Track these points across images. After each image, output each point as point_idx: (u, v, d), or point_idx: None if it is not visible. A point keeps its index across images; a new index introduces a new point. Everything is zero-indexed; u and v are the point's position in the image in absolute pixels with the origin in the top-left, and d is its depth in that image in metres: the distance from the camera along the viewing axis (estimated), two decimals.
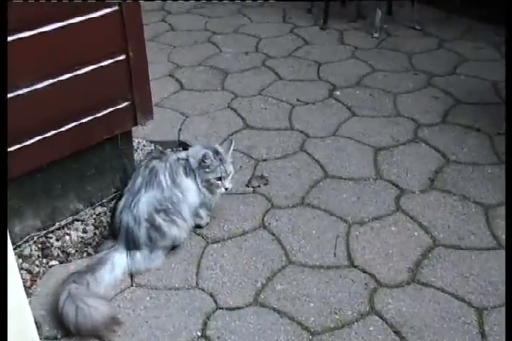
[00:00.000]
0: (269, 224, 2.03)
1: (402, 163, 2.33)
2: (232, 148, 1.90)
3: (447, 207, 2.08)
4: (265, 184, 2.21)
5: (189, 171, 1.82)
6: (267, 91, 2.85)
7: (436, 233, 1.96)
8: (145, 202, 1.76)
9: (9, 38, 1.54)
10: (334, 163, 2.35)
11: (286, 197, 2.16)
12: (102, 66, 1.80)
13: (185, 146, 2.44)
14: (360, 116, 2.67)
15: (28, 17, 1.58)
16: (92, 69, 1.78)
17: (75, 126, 1.82)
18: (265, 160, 2.37)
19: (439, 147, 2.42)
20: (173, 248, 1.87)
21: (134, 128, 2.11)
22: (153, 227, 1.76)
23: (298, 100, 2.81)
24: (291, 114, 2.69)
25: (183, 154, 1.90)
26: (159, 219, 1.77)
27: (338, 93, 2.83)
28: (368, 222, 2.03)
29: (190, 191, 1.82)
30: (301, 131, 2.56)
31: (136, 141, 2.41)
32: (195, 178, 1.83)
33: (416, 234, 1.97)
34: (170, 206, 1.78)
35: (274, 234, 1.98)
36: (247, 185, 2.22)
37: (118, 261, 1.75)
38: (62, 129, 1.80)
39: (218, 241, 1.95)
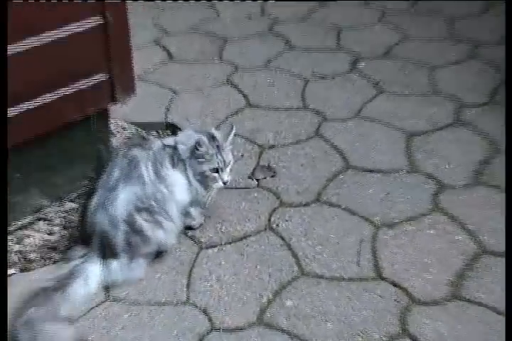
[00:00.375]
0: (277, 225, 2.00)
1: (441, 152, 2.29)
2: (232, 133, 1.84)
3: (496, 205, 2.03)
4: (272, 176, 2.18)
5: (177, 161, 1.77)
6: (275, 62, 2.82)
7: (483, 237, 1.93)
8: (123, 199, 1.70)
9: None
10: (357, 151, 2.31)
11: (298, 193, 2.13)
12: (71, 30, 1.75)
13: (173, 130, 2.40)
14: (388, 94, 2.63)
15: None
16: (59, 34, 1.73)
17: (39, 104, 1.78)
18: (272, 146, 2.34)
19: (486, 132, 2.37)
20: (159, 255, 1.83)
21: (111, 107, 2.07)
22: (133, 230, 1.71)
23: (313, 74, 2.77)
24: (305, 90, 2.66)
25: (170, 140, 1.85)
26: (140, 220, 1.72)
27: (362, 65, 2.79)
28: (399, 223, 2.00)
29: (179, 186, 1.77)
30: (317, 112, 2.54)
31: (114, 122, 2.38)
32: (185, 170, 1.78)
33: (458, 238, 1.93)
34: (154, 204, 1.72)
35: (283, 238, 1.95)
36: (251, 178, 2.18)
37: (92, 273, 1.70)
38: (23, 108, 1.76)
39: (214, 246, 1.92)
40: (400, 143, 2.35)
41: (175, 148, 1.81)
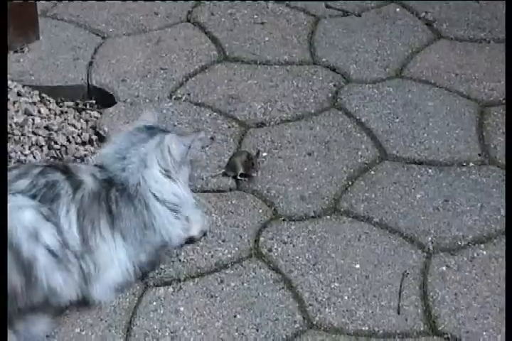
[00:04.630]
0: (270, 250, 2.04)
1: None
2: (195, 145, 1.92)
3: None
4: (256, 171, 2.22)
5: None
6: None
7: None
8: None
9: None
10: (398, 131, 2.37)
11: (303, 198, 2.18)
12: None
13: (101, 100, 2.46)
14: (451, 40, 2.70)
15: None
16: None
17: None
18: (261, 124, 2.39)
19: None
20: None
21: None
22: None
23: (327, 7, 2.83)
24: (314, 33, 2.72)
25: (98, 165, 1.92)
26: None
27: None
28: (464, 247, 2.05)
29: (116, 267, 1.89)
30: (334, 69, 2.59)
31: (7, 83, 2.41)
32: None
33: None
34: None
35: (278, 270, 1.99)
36: (226, 174, 2.23)
37: None
38: None
39: (169, 284, 1.95)
40: (468, 119, 2.41)
41: (110, 182, 1.87)
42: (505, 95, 2.48)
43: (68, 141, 2.31)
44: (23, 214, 1.72)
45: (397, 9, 2.83)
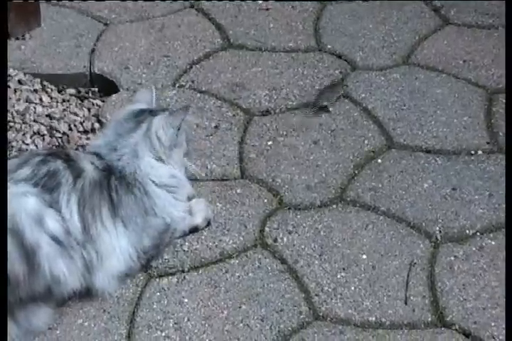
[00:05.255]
0: (275, 240, 2.04)
1: None
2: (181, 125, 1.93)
3: None
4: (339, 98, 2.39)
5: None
6: None
7: None
8: None
9: None
10: (406, 119, 2.36)
11: (309, 188, 2.17)
12: None
13: (104, 87, 2.45)
14: (458, 26, 2.70)
15: None
16: None
17: None
18: (267, 112, 2.40)
19: None
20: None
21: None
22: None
23: None
24: (320, 20, 2.72)
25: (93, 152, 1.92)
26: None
27: None
28: (472, 236, 2.05)
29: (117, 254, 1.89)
30: (340, 55, 2.59)
31: (8, 71, 2.42)
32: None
33: None
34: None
35: (284, 261, 1.99)
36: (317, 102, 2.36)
37: None
38: None
39: (172, 274, 1.95)
40: (476, 106, 2.40)
41: (109, 171, 1.87)
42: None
43: (70, 129, 2.31)
44: (26, 200, 1.72)
45: None
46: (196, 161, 2.13)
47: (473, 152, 2.27)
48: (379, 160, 2.25)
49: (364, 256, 2.00)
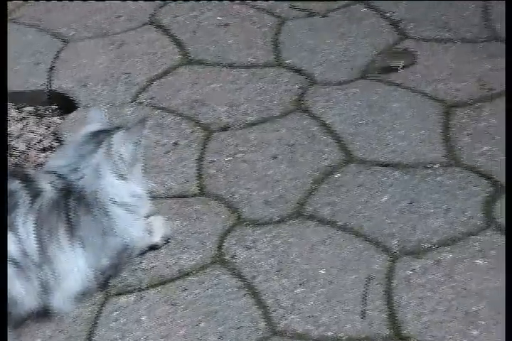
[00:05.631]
0: (234, 256, 2.04)
1: (501, 134, 2.35)
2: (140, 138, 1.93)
3: None
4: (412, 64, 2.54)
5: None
6: None
7: None
8: None
9: None
10: (364, 133, 2.38)
11: (268, 203, 2.18)
12: None
13: (63, 105, 2.45)
14: (417, 39, 2.72)
15: None
16: None
17: None
18: (225, 128, 2.40)
19: None
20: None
21: None
22: None
23: (292, 7, 2.84)
24: (279, 35, 2.73)
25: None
26: None
27: None
28: (430, 250, 2.05)
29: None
30: (299, 71, 2.60)
31: None
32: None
33: None
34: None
35: (242, 277, 1.99)
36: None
37: None
38: None
39: (130, 292, 1.96)
40: (434, 120, 2.41)
41: (68, 191, 1.87)
42: (473, 97, 2.50)
43: (28, 147, 2.30)
44: None
45: (363, 9, 2.83)
46: (155, 178, 2.13)
47: (430, 165, 2.28)
48: (337, 175, 2.26)
49: (322, 271, 2.00)
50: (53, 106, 2.48)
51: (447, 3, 2.86)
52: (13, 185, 1.83)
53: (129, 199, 1.94)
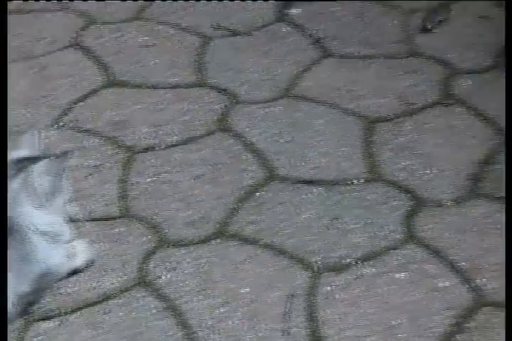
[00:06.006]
0: (157, 278, 2.05)
1: (421, 148, 2.40)
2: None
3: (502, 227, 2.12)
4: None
5: None
6: (151, 10, 2.92)
7: (482, 281, 2.02)
8: None
9: None
10: (287, 151, 2.40)
11: (190, 224, 2.18)
12: None
13: None
14: (339, 57, 2.76)
15: None
16: None
17: None
18: (149, 149, 2.41)
19: (487, 114, 2.51)
20: None
21: None
22: None
23: (217, 27, 2.86)
24: (203, 55, 2.75)
25: None
26: None
27: (294, 11, 2.92)
28: (351, 265, 2.07)
29: None
30: (222, 90, 2.62)
31: None
32: None
33: (445, 285, 2.02)
34: None
35: (165, 298, 2.00)
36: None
37: None
38: None
39: (51, 317, 1.94)
40: (355, 136, 2.45)
41: None
42: (394, 112, 2.53)
43: None
44: None
45: (286, 28, 2.85)
46: (77, 202, 2.12)
47: (351, 181, 2.31)
48: (260, 193, 2.27)
49: (245, 290, 2.02)
50: None
51: (369, 21, 2.90)
52: None
53: (49, 229, 1.91)
